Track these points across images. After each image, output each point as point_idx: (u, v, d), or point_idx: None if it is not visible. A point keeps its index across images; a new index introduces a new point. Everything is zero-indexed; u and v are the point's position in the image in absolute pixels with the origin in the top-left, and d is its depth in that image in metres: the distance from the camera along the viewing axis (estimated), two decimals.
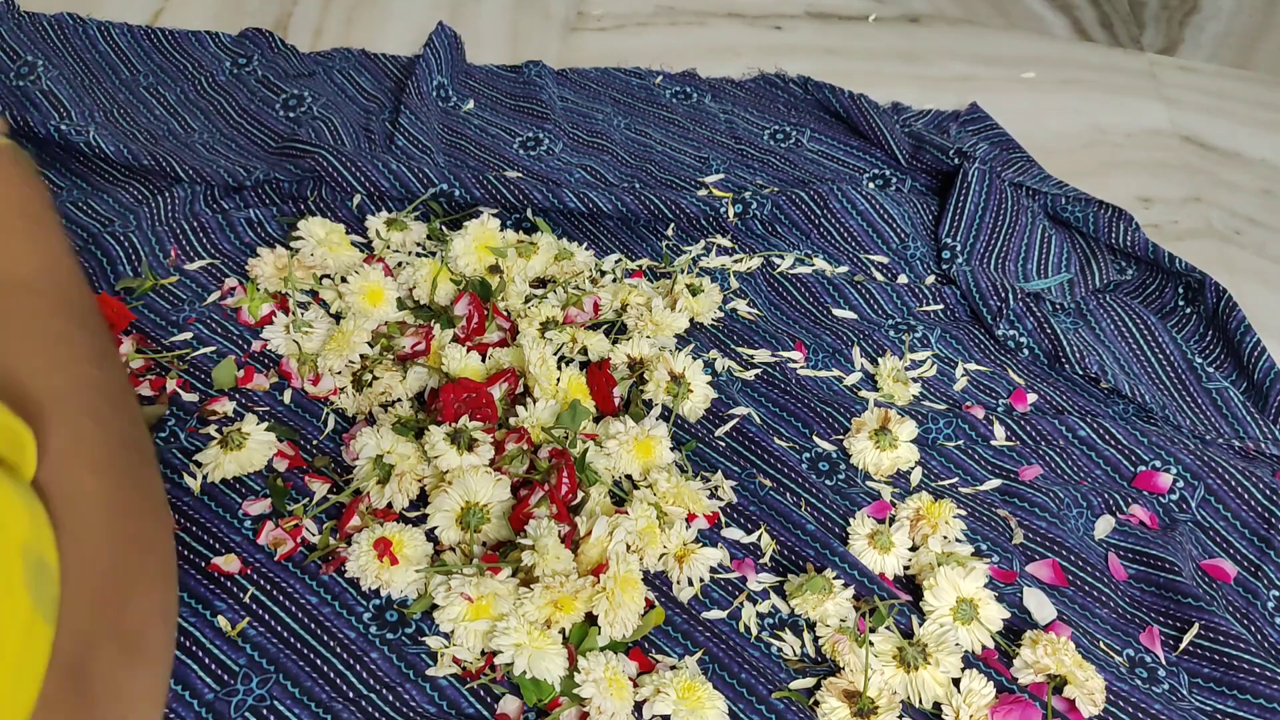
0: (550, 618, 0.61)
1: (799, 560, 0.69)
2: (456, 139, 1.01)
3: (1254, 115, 1.17)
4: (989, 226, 0.95)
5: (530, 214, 0.90)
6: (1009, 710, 0.62)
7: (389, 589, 0.64)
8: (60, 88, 0.99)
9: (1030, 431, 0.79)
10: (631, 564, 0.64)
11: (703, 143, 1.04)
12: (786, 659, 0.65)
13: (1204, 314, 0.92)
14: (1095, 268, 0.96)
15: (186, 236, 0.85)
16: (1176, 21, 1.30)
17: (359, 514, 0.67)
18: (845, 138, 1.06)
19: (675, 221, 0.92)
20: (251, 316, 0.79)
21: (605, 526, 0.65)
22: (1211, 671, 0.67)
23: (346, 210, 0.89)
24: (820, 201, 0.93)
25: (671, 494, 0.68)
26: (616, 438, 0.71)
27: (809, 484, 0.73)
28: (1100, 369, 0.83)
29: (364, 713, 0.60)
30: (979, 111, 1.11)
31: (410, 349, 0.75)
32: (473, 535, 0.66)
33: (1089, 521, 0.74)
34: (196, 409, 0.73)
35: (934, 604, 0.66)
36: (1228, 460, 0.78)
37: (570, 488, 0.67)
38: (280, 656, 0.62)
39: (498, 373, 0.75)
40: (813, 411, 0.78)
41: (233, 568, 0.65)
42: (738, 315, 0.85)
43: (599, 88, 1.10)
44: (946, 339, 0.86)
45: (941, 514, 0.70)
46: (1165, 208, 1.05)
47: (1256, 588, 0.73)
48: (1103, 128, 1.14)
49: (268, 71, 1.05)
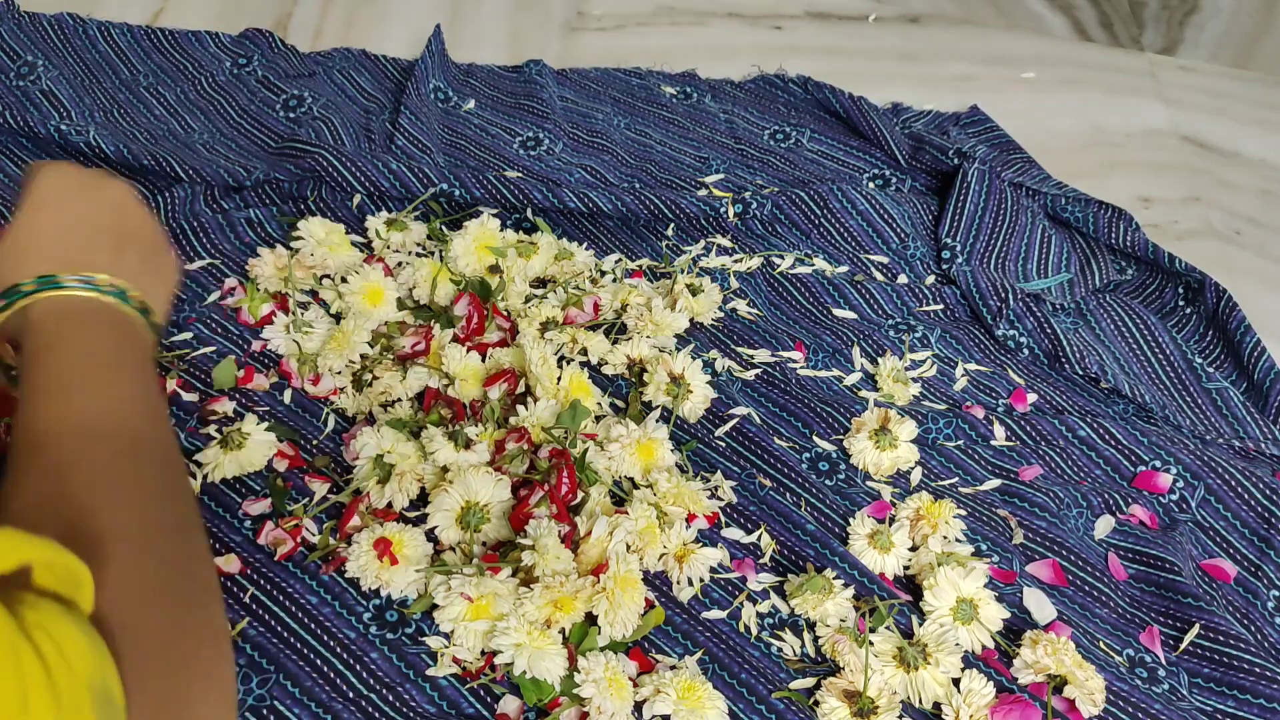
0: (550, 618, 0.61)
1: (799, 560, 0.69)
2: (456, 139, 1.01)
3: (1254, 115, 1.17)
4: (989, 226, 0.95)
5: (530, 214, 0.90)
6: (1009, 710, 0.62)
7: (389, 589, 0.64)
8: (60, 88, 0.99)
9: (1030, 431, 0.79)
10: (631, 564, 0.64)
11: (703, 143, 1.04)
12: (786, 659, 0.65)
13: (1204, 314, 0.92)
14: (1095, 268, 0.96)
15: (186, 236, 0.85)
16: (1176, 21, 1.30)
17: (359, 514, 0.67)
18: (845, 138, 1.06)
19: (675, 221, 0.92)
20: (251, 316, 0.79)
21: (605, 526, 0.65)
22: (1211, 671, 0.67)
23: (346, 210, 0.89)
24: (820, 201, 0.93)
25: (672, 494, 0.68)
26: (619, 440, 0.71)
27: (809, 484, 0.73)
28: (1100, 369, 0.83)
29: (364, 712, 0.60)
30: (979, 114, 1.11)
31: (410, 349, 0.75)
32: (473, 535, 0.66)
33: (1089, 521, 0.74)
34: (196, 409, 0.73)
35: (934, 604, 0.66)
36: (1228, 460, 0.78)
37: (570, 488, 0.67)
38: (280, 656, 0.62)
39: (498, 373, 0.75)
40: (813, 411, 0.78)
41: (233, 568, 0.65)
42: (738, 315, 0.85)
43: (599, 88, 1.10)
44: (946, 339, 0.86)
45: (941, 514, 0.70)
46: (1165, 208, 1.05)
47: (1256, 588, 0.73)
48: (1103, 128, 1.14)
49: (268, 72, 1.05)
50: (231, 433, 0.70)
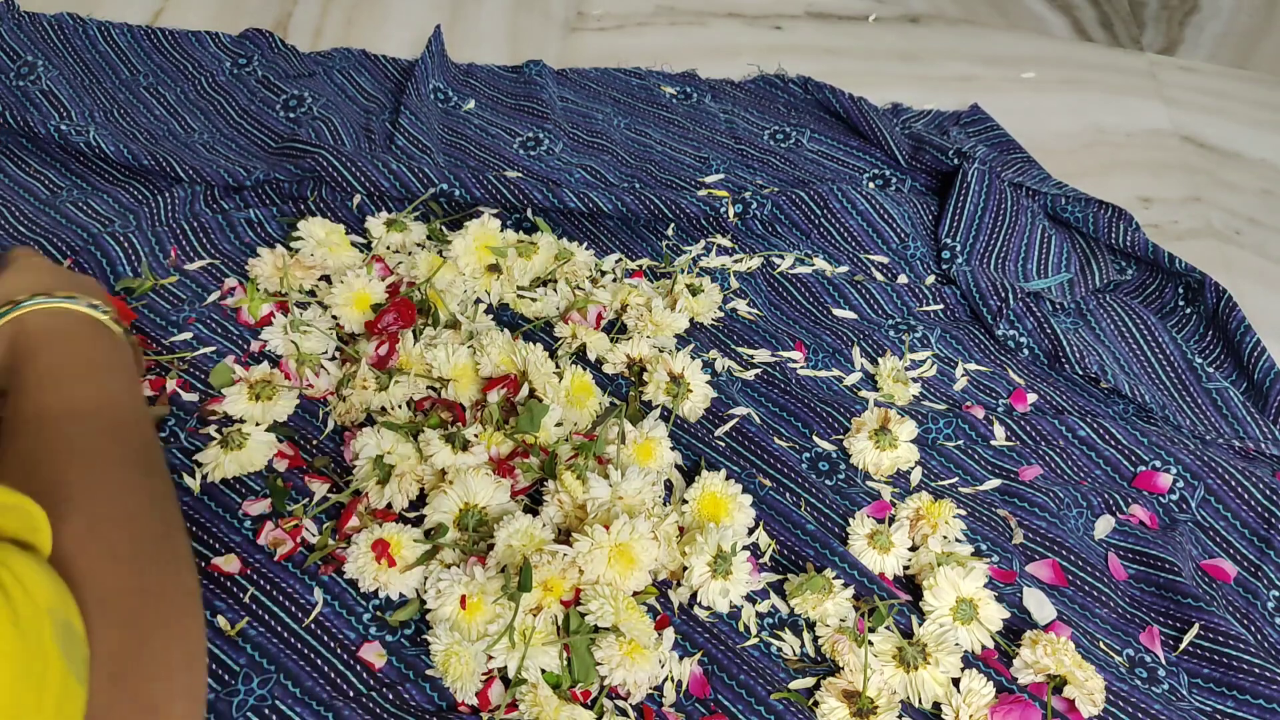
0: (540, 601, 0.61)
1: (799, 560, 0.69)
2: (456, 139, 1.01)
3: (1254, 115, 1.17)
4: (989, 226, 0.95)
5: (530, 214, 0.90)
6: (1009, 710, 0.62)
7: (387, 590, 0.64)
8: (60, 88, 0.99)
9: (1030, 431, 0.79)
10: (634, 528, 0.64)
11: (703, 143, 1.04)
12: (786, 659, 0.65)
13: (1204, 314, 0.92)
14: (1095, 268, 0.96)
15: (186, 236, 0.85)
16: (1176, 21, 1.30)
17: (358, 514, 0.67)
18: (845, 138, 1.06)
19: (675, 221, 0.92)
20: (251, 316, 0.79)
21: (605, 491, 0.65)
22: (1211, 671, 0.67)
23: (346, 210, 0.89)
24: (820, 201, 0.93)
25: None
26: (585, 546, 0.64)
27: (809, 484, 0.73)
28: (1100, 369, 0.83)
29: (367, 710, 0.60)
30: (979, 113, 1.11)
31: (377, 355, 0.74)
32: (471, 535, 0.66)
33: (1089, 521, 0.74)
34: (196, 409, 0.73)
35: (934, 604, 0.66)
36: (1228, 460, 0.78)
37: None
38: (281, 656, 0.62)
39: (497, 377, 0.74)
40: (813, 411, 0.78)
41: (233, 568, 0.65)
42: (738, 315, 0.85)
43: (599, 88, 1.10)
44: (946, 339, 0.86)
45: (941, 514, 0.70)
46: (1165, 208, 1.05)
47: (1256, 588, 0.73)
48: (1103, 128, 1.14)
49: (268, 72, 1.05)
50: (231, 433, 0.70)
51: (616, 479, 0.67)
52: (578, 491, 0.66)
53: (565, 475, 0.67)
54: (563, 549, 0.63)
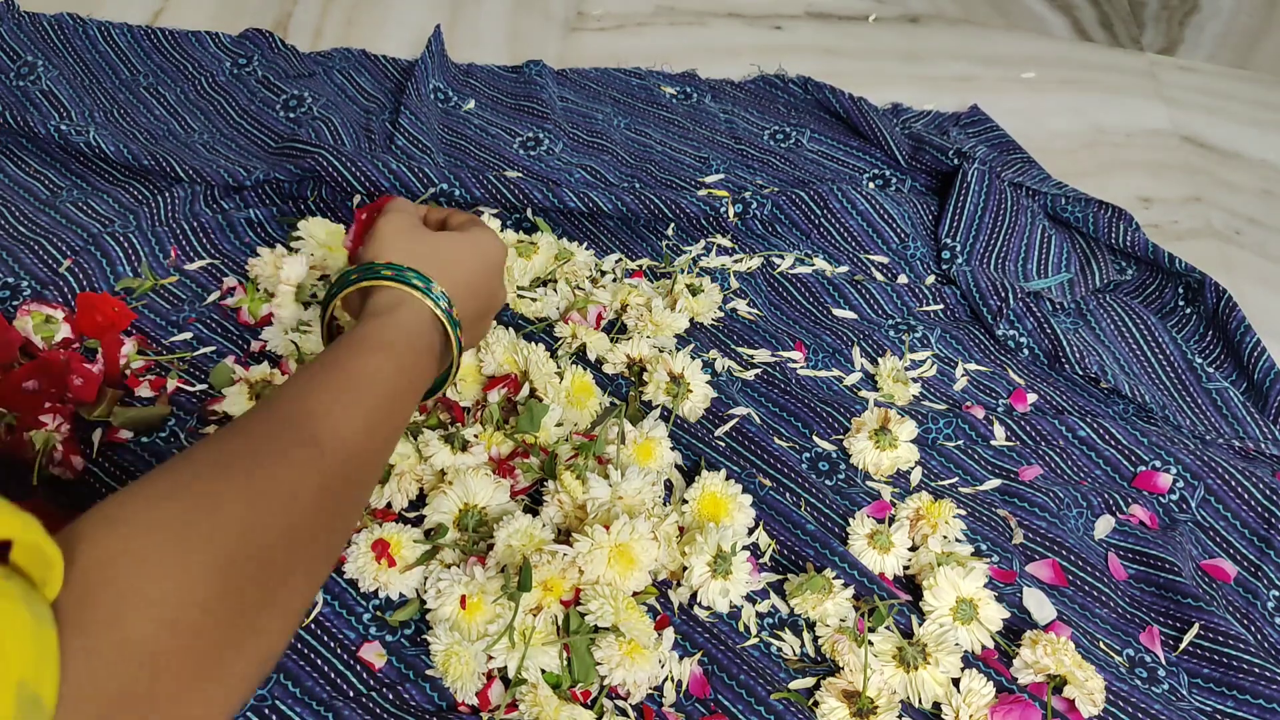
0: (540, 601, 0.61)
1: (799, 560, 0.69)
2: (456, 139, 1.01)
3: (1254, 115, 1.17)
4: (989, 226, 0.95)
5: (530, 214, 0.90)
6: (1009, 710, 0.62)
7: (387, 590, 0.64)
8: (60, 88, 0.99)
9: (1030, 431, 0.79)
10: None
11: (703, 143, 1.04)
12: (786, 659, 0.65)
13: (1204, 314, 0.92)
14: (1095, 268, 0.96)
15: (186, 236, 0.85)
16: (1176, 21, 1.30)
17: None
18: (845, 138, 1.06)
19: (675, 221, 0.92)
20: (251, 316, 0.79)
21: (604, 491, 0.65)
22: (1211, 671, 0.67)
23: (346, 210, 0.89)
24: (820, 201, 0.93)
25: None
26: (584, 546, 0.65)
27: (809, 484, 0.73)
28: (1100, 369, 0.83)
29: (367, 710, 0.60)
30: (979, 114, 1.11)
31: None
32: (471, 535, 0.66)
33: (1089, 521, 0.74)
34: (196, 409, 0.73)
35: (934, 604, 0.66)
36: (1228, 460, 0.78)
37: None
38: (281, 656, 0.62)
39: (498, 377, 0.75)
40: (813, 411, 0.78)
41: None
42: (738, 315, 0.85)
43: (599, 88, 1.10)
44: (946, 339, 0.86)
45: (941, 514, 0.70)
46: (1165, 208, 1.05)
47: (1256, 588, 0.73)
48: (1103, 128, 1.14)
49: (268, 72, 1.05)
50: None
51: (616, 479, 0.67)
52: (578, 491, 0.66)
53: (565, 475, 0.67)
54: (563, 549, 0.63)
